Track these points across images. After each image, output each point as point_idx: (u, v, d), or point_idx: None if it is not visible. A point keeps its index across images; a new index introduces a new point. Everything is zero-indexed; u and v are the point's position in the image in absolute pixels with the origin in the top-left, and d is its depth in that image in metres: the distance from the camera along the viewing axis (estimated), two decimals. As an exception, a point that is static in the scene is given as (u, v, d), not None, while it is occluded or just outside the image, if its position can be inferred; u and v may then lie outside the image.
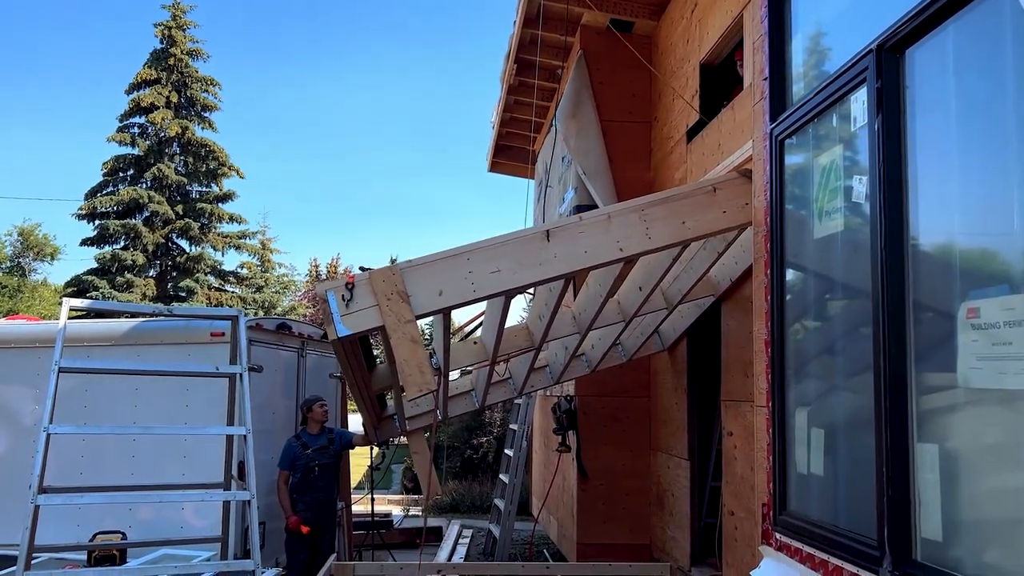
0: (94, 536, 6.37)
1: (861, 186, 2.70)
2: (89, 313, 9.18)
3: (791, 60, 3.42)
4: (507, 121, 11.77)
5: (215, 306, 26.42)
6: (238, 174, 29.82)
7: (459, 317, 10.06)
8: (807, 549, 2.99)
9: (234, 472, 7.05)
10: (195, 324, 7.31)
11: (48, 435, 3.73)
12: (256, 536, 4.08)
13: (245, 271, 31.50)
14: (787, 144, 3.34)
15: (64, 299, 4.17)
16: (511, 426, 11.27)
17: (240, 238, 30.35)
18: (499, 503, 10.61)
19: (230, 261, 32.28)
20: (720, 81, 6.87)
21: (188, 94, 29.23)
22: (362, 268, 3.88)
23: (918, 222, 2.46)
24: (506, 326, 5.23)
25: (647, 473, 8.02)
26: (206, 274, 28.92)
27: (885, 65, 2.56)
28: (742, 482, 5.55)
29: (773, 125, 3.43)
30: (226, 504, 4.94)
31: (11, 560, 6.68)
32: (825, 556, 2.83)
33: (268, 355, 7.88)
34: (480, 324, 6.76)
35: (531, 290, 7.11)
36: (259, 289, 32.20)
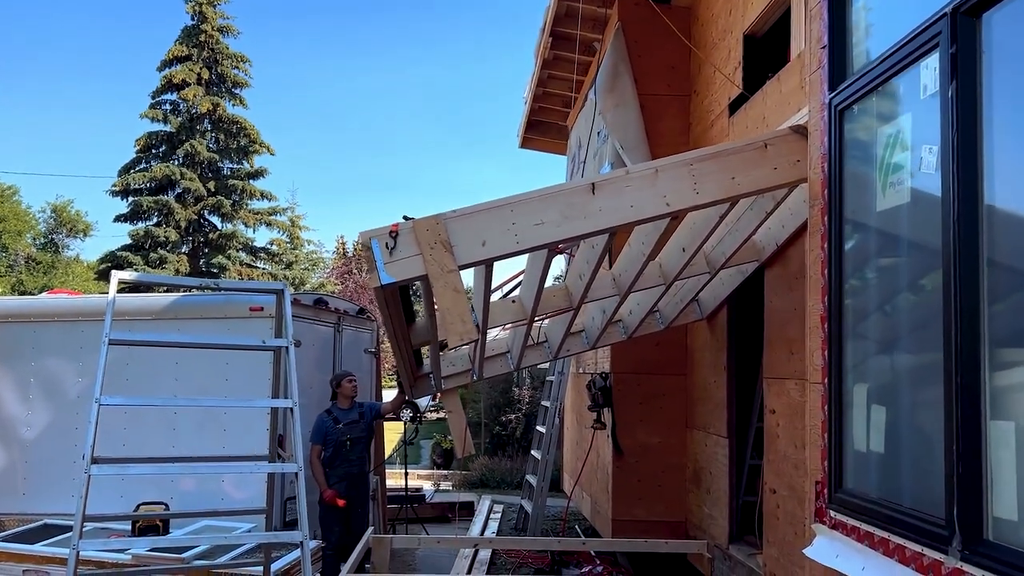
0: (138, 507, 6.48)
1: (931, 156, 2.61)
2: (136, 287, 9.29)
3: (851, 28, 3.32)
4: (540, 96, 11.65)
5: (247, 280, 26.66)
6: (268, 151, 29.97)
7: (496, 277, 10.05)
8: (865, 527, 2.93)
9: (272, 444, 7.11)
10: (235, 298, 7.36)
11: (99, 406, 3.76)
12: (304, 507, 4.10)
13: (275, 248, 31.74)
14: (847, 114, 3.25)
15: (113, 272, 4.19)
16: (543, 403, 11.27)
17: (271, 215, 30.57)
18: (531, 479, 10.63)
19: (260, 238, 32.51)
20: (764, 52, 6.73)
21: (219, 71, 29.37)
22: (405, 217, 3.86)
23: (994, 193, 2.37)
24: (544, 287, 5.20)
25: (683, 451, 7.97)
26: (238, 251, 29.17)
27: (961, 29, 2.46)
28: (785, 460, 5.49)
29: (832, 95, 3.34)
30: (271, 476, 4.97)
31: (59, 529, 6.83)
32: (885, 534, 2.78)
33: (305, 330, 7.92)
34: (518, 284, 6.71)
35: (570, 251, 7.05)
36: (288, 266, 32.47)
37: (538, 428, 11.02)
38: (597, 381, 8.06)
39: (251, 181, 29.56)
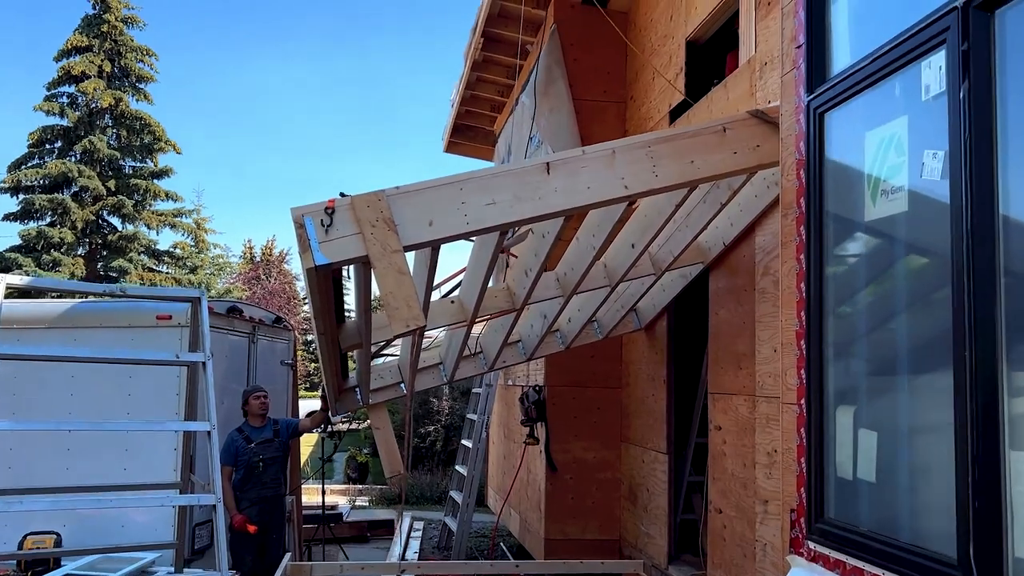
0: (25, 537, 5.85)
1: (936, 162, 2.42)
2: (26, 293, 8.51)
3: (830, 27, 3.14)
4: (468, 99, 11.35)
5: (150, 286, 25.39)
6: (175, 149, 28.71)
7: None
8: (852, 562, 2.72)
9: (178, 467, 6.54)
10: (140, 306, 6.77)
11: (-20, 431, 3.25)
12: (223, 541, 3.66)
13: (179, 251, 30.40)
14: (828, 117, 3.06)
15: (0, 275, 3.66)
16: (468, 416, 10.94)
17: (176, 216, 29.26)
18: (456, 495, 10.28)
19: (164, 240, 31.05)
20: (707, 59, 6.61)
21: (122, 64, 27.98)
22: (342, 194, 3.51)
23: (1011, 201, 2.19)
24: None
25: (618, 466, 7.78)
26: (139, 254, 27.78)
27: (974, 25, 2.28)
28: (732, 479, 5.32)
29: (810, 97, 3.14)
30: (182, 507, 4.48)
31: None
32: (878, 571, 2.57)
33: (218, 340, 7.36)
34: (456, 286, 6.34)
35: (513, 253, 6.73)
36: (193, 270, 31.15)
37: (463, 442, 10.67)
38: (531, 395, 7.79)
39: (155, 180, 28.21)
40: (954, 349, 2.29)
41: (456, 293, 5.57)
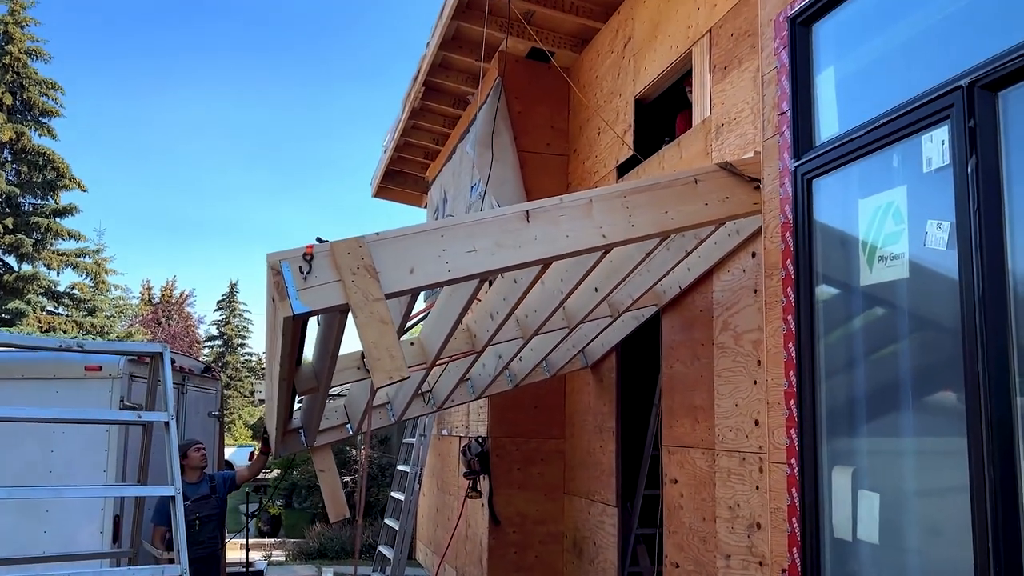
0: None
1: (941, 232, 2.51)
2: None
3: (817, 96, 3.25)
4: (402, 146, 11.31)
5: (46, 331, 24.06)
6: (79, 187, 27.50)
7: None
8: (855, 624, 2.74)
9: (105, 529, 6.13)
10: (66, 356, 6.37)
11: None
12: (188, 620, 3.41)
13: (77, 292, 28.97)
14: (818, 184, 3.15)
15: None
16: (399, 467, 10.68)
17: (78, 256, 27.93)
18: (385, 551, 9.96)
19: (65, 281, 29.49)
20: (655, 117, 6.78)
21: (25, 96, 26.77)
22: (319, 239, 3.40)
23: (1017, 271, 2.28)
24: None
25: (561, 519, 7.70)
26: (38, 295, 26.35)
27: (979, 104, 2.39)
28: (690, 533, 5.33)
29: (798, 163, 3.23)
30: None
31: None
32: (885, 633, 2.59)
33: (144, 391, 7.00)
34: (419, 321, 6.21)
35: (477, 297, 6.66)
36: (91, 312, 29.70)
37: (393, 494, 10.39)
38: (473, 447, 7.67)
39: (57, 219, 26.91)
40: (968, 415, 2.35)
41: (416, 332, 5.45)
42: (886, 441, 2.82)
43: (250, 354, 55.43)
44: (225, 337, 53.05)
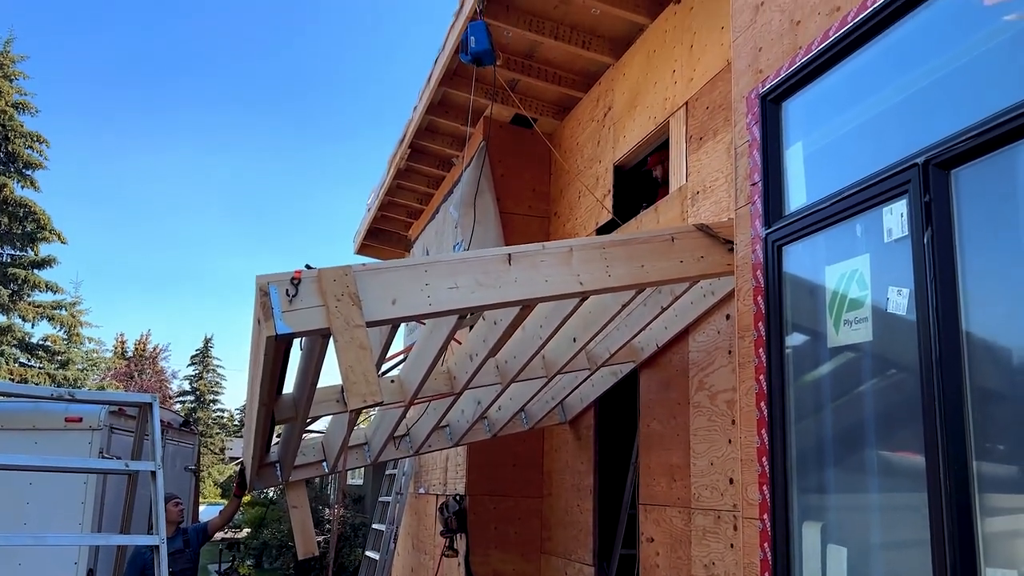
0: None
1: (901, 298, 2.68)
2: None
3: (786, 167, 3.45)
4: (386, 205, 11.51)
5: (20, 383, 23.70)
6: (59, 239, 27.42)
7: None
8: (826, 676, 2.81)
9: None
10: (45, 407, 6.37)
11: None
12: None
13: (51, 344, 28.63)
14: (787, 250, 3.33)
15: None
16: (374, 526, 10.60)
17: (54, 308, 27.70)
18: (360, 610, 9.83)
19: (39, 332, 29.09)
20: (634, 183, 7.01)
21: (10, 148, 26.85)
22: (308, 266, 3.52)
23: (971, 333, 2.44)
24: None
25: (537, 578, 7.68)
26: (12, 347, 26.02)
27: (934, 180, 2.59)
28: (666, 592, 5.37)
29: (769, 231, 3.41)
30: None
31: None
32: None
33: (126, 443, 6.97)
34: (399, 363, 6.28)
35: (456, 339, 6.77)
36: (64, 365, 29.32)
37: (368, 554, 10.30)
38: (451, 504, 7.67)
39: (36, 271, 26.77)
40: (927, 472, 2.48)
41: (396, 372, 5.53)
42: (853, 497, 2.94)
43: (222, 410, 54.75)
44: (197, 392, 52.40)
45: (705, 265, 4.34)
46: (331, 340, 3.49)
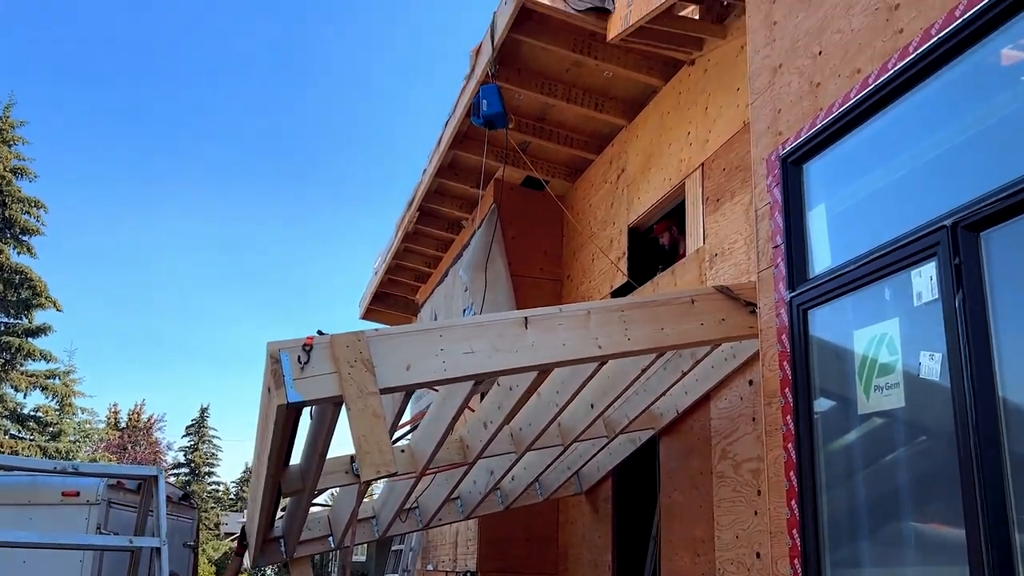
0: None
1: (934, 363, 2.70)
2: None
3: (809, 230, 3.50)
4: (393, 268, 11.61)
5: (10, 455, 23.56)
6: (55, 306, 27.59)
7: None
8: None
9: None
10: (42, 480, 6.34)
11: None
12: None
13: (42, 415, 28.53)
14: (813, 314, 3.36)
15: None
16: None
17: (48, 378, 27.71)
18: None
19: (32, 402, 29.06)
20: (649, 245, 7.09)
21: (7, 214, 27.25)
22: (320, 332, 3.54)
23: (1008, 397, 2.46)
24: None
25: (553, 661, 7.51)
26: (3, 417, 25.97)
27: (963, 243, 2.63)
28: (692, 675, 5.25)
29: (794, 294, 3.45)
30: None
31: None
32: None
33: (125, 518, 6.92)
34: (408, 432, 6.25)
35: (470, 406, 6.74)
36: (55, 436, 29.18)
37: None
38: (462, 582, 7.56)
39: (30, 339, 26.90)
40: (968, 545, 2.46)
41: (406, 441, 5.51)
42: (889, 572, 2.92)
43: (218, 483, 54.13)
44: (192, 465, 51.92)
45: (727, 328, 4.37)
46: (343, 408, 3.51)
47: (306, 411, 3.91)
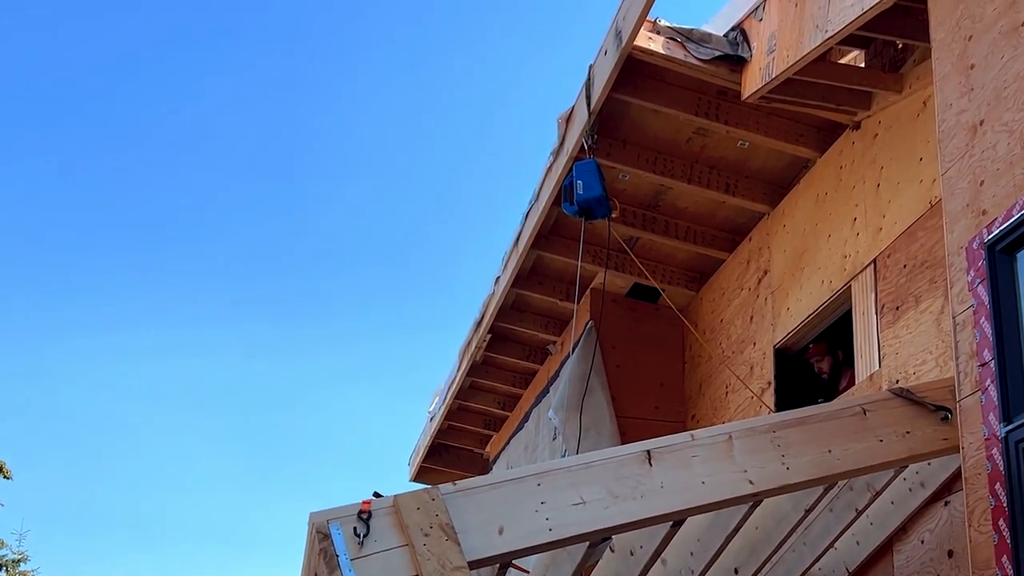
0: None
1: None
2: None
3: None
4: (455, 411, 11.67)
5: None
6: (3, 472, 28.27)
7: None
8: None
9: None
10: None
11: None
12: None
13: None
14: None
15: None
16: None
17: (-6, 567, 28.19)
18: None
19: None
20: (804, 371, 7.05)
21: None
22: (376, 494, 3.60)
23: None
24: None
25: None
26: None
27: None
28: None
29: (1009, 428, 3.41)
30: None
31: None
32: None
33: None
34: None
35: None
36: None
37: None
38: None
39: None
40: None
41: None
42: None
43: None
44: None
45: (913, 443, 4.30)
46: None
47: None
